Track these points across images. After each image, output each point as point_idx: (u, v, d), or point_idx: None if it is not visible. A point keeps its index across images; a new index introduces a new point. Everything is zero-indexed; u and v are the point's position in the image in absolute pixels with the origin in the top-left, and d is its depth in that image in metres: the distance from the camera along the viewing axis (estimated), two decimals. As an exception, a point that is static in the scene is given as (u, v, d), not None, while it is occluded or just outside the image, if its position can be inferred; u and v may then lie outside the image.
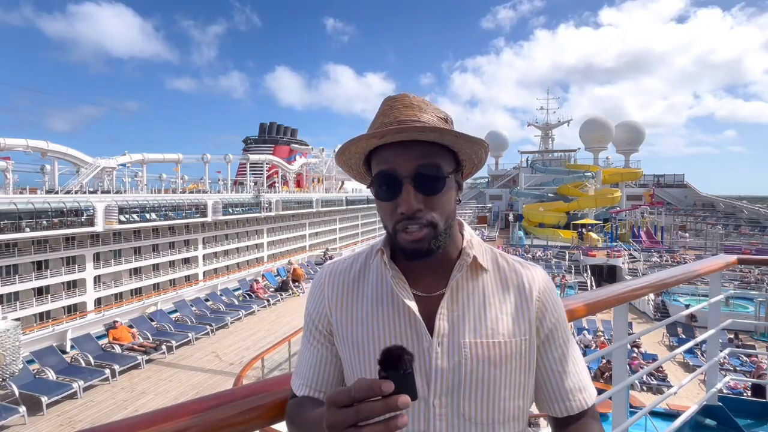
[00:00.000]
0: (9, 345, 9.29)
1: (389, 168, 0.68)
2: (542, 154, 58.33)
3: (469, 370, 0.68)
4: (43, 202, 21.01)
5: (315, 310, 0.78)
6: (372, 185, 0.72)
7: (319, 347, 0.77)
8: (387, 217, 0.70)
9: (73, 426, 8.64)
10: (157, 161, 33.82)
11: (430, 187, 0.68)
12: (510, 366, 0.70)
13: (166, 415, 0.77)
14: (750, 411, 2.78)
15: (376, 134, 0.66)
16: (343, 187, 56.36)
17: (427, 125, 0.66)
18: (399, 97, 0.72)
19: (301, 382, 0.77)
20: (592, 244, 32.59)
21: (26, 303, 20.42)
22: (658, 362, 2.28)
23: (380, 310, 0.73)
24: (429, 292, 0.73)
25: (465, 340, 0.69)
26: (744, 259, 2.87)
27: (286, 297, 17.99)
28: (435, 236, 0.68)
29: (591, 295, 1.56)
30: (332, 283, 0.78)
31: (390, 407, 0.46)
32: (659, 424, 2.63)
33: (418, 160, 0.67)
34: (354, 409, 0.47)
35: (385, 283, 0.74)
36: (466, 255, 0.73)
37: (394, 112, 0.70)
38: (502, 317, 0.72)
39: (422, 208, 0.67)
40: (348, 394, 0.47)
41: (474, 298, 0.72)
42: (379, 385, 0.46)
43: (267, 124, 59.81)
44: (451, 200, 0.71)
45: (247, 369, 7.38)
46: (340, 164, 0.76)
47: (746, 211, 50.24)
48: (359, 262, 0.79)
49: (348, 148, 0.70)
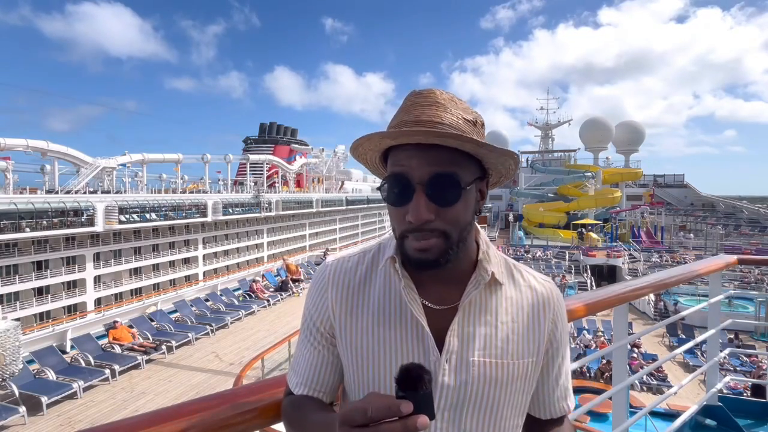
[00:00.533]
0: (9, 345, 9.29)
1: (402, 171, 0.63)
2: (542, 154, 58.38)
3: (475, 389, 0.66)
4: (43, 202, 21.00)
5: (317, 310, 0.74)
6: (382, 186, 0.66)
7: (320, 348, 0.74)
8: (395, 222, 0.66)
9: (73, 426, 8.64)
10: (157, 161, 33.80)
11: (445, 197, 0.62)
12: (515, 387, 0.69)
13: (166, 415, 0.77)
14: (750, 411, 2.78)
15: (390, 134, 0.62)
16: (343, 187, 56.37)
17: (445, 131, 0.60)
18: (424, 93, 0.66)
19: (299, 380, 0.74)
20: (592, 244, 32.59)
21: (26, 303, 20.40)
22: (658, 362, 2.29)
23: (387, 320, 0.69)
24: (439, 304, 0.69)
25: (474, 359, 0.66)
26: (744, 259, 2.87)
27: (286, 297, 17.98)
28: (445, 248, 0.63)
29: (591, 295, 1.56)
30: (336, 284, 0.73)
31: (408, 429, 0.43)
32: (659, 424, 2.63)
33: (435, 166, 0.62)
34: (372, 430, 0.44)
35: (393, 291, 0.70)
36: (484, 271, 0.69)
37: (416, 110, 0.64)
38: (513, 337, 0.69)
39: (433, 219, 0.62)
40: (364, 414, 0.45)
41: (486, 315, 0.69)
42: (397, 405, 0.44)
43: (267, 124, 59.81)
44: (468, 211, 0.66)
45: (247, 369, 7.38)
46: (355, 157, 0.73)
47: (746, 211, 50.27)
48: (366, 263, 0.74)
49: (361, 144, 0.67)
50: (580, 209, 43.22)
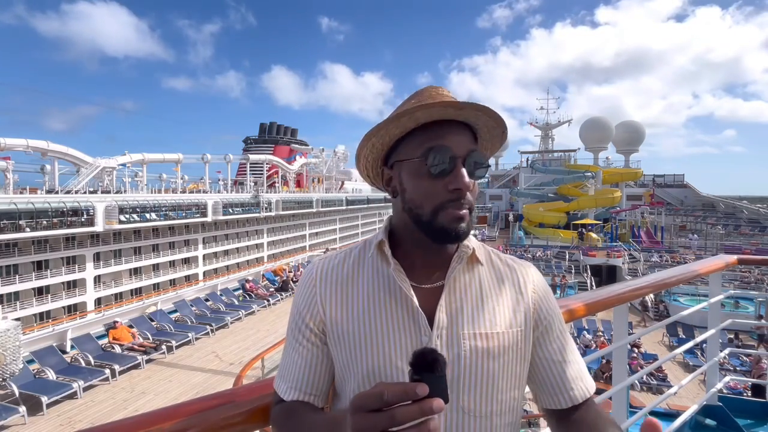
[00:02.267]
0: (9, 345, 9.29)
1: (445, 144, 0.67)
2: (542, 154, 58.34)
3: (468, 362, 0.68)
4: (43, 202, 20.99)
5: (306, 307, 0.74)
6: (419, 159, 0.67)
7: (309, 347, 0.73)
8: (430, 196, 0.67)
9: (73, 426, 8.64)
10: (157, 161, 33.79)
11: (476, 173, 0.69)
12: (507, 357, 0.70)
13: (166, 415, 0.77)
14: (750, 411, 2.78)
15: (451, 104, 0.65)
16: (343, 187, 56.35)
17: (492, 111, 0.68)
18: (428, 88, 0.73)
19: (289, 385, 0.73)
20: (592, 244, 32.58)
21: (26, 303, 20.39)
22: (658, 362, 2.28)
23: (378, 303, 0.71)
24: (425, 284, 0.72)
25: (464, 332, 0.69)
26: (744, 259, 2.86)
27: (286, 297, 17.98)
28: (470, 221, 0.69)
29: (591, 295, 1.56)
30: (324, 279, 0.74)
31: (424, 411, 0.43)
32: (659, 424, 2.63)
33: (470, 144, 0.69)
34: (388, 414, 0.44)
35: (382, 276, 0.72)
36: (465, 247, 0.73)
37: (425, 95, 0.70)
38: (500, 309, 0.72)
39: (471, 189, 0.68)
40: (379, 398, 0.44)
41: (471, 290, 0.72)
42: (413, 388, 0.44)
43: (267, 124, 59.79)
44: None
45: (247, 369, 7.37)
46: (360, 153, 0.74)
47: (746, 211, 50.27)
48: (352, 257, 0.77)
49: (398, 119, 0.67)
50: (580, 209, 43.20)
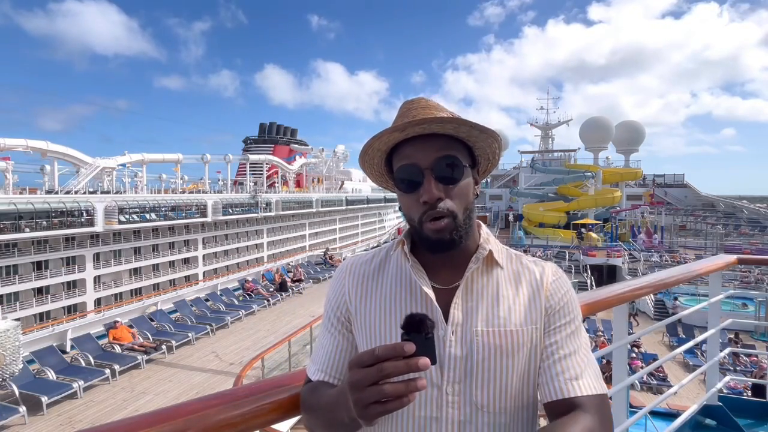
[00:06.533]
0: (9, 345, 9.29)
1: (411, 161, 0.71)
2: (542, 154, 58.30)
3: (480, 358, 0.70)
4: (43, 202, 21.01)
5: (335, 298, 0.81)
6: (394, 180, 0.76)
7: (337, 335, 0.80)
8: (412, 210, 0.73)
9: (73, 426, 8.64)
10: (156, 161, 33.81)
11: (450, 177, 0.71)
12: (521, 355, 0.71)
13: (166, 415, 0.77)
14: (750, 411, 2.78)
15: (398, 128, 0.70)
16: (343, 187, 56.35)
17: (444, 116, 0.70)
18: (416, 100, 0.77)
19: (317, 368, 0.79)
20: (592, 244, 32.56)
21: (26, 303, 20.41)
22: (658, 362, 2.28)
23: (398, 298, 0.76)
24: (445, 285, 0.75)
25: (477, 329, 0.71)
26: (744, 259, 2.87)
27: (286, 297, 17.98)
28: (455, 227, 0.71)
29: (591, 295, 1.56)
30: (352, 274, 0.81)
31: (411, 368, 0.49)
32: (659, 424, 2.63)
33: (438, 152, 0.71)
34: (377, 367, 0.50)
35: (404, 273, 0.77)
36: (482, 249, 0.76)
37: (413, 111, 0.73)
38: (515, 308, 0.73)
39: (443, 197, 0.70)
40: (372, 354, 0.50)
41: (488, 290, 0.74)
42: (401, 345, 0.49)
43: (267, 124, 59.83)
44: (469, 192, 0.75)
45: (247, 369, 7.39)
46: (363, 165, 0.80)
47: (746, 211, 50.27)
48: (380, 256, 0.83)
49: (371, 144, 0.74)
50: (580, 209, 43.16)
